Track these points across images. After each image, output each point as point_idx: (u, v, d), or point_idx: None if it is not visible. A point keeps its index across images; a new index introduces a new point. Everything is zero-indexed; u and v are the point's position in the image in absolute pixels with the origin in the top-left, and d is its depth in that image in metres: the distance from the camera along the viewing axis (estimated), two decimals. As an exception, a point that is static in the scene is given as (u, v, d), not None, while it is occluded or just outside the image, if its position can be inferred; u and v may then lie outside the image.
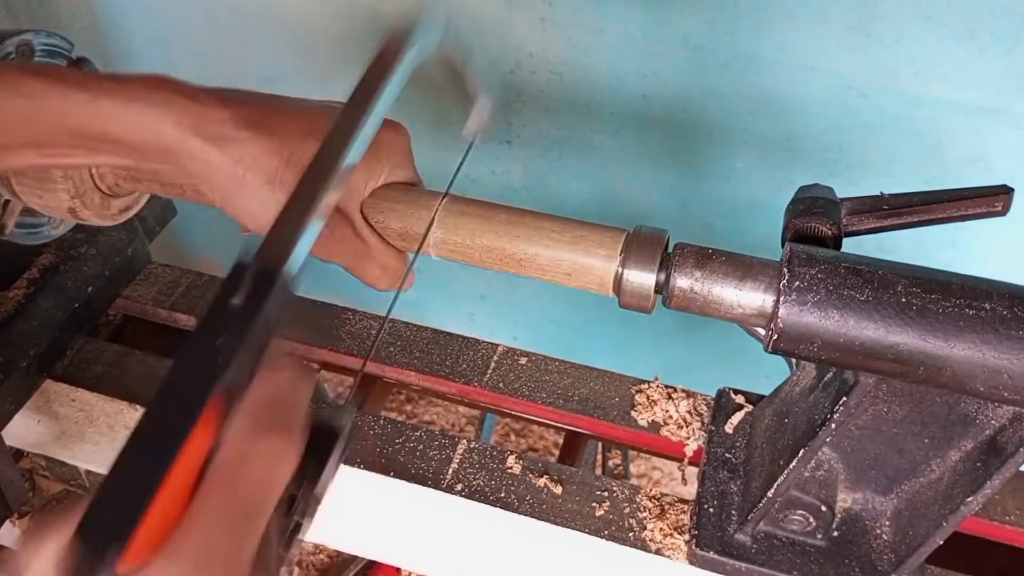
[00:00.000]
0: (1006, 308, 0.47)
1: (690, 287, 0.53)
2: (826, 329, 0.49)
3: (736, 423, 0.74)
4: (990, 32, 0.83)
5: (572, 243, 0.56)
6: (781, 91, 0.97)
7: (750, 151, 1.04)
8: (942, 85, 0.89)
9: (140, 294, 0.90)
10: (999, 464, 0.54)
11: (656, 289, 0.55)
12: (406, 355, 0.84)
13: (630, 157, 1.12)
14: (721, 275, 0.53)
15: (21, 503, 0.80)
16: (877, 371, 0.50)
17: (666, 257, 0.55)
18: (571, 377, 0.82)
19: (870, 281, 0.49)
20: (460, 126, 0.61)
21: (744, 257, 0.54)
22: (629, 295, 0.55)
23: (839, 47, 0.90)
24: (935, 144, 0.94)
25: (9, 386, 0.77)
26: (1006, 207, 0.55)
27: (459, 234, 0.59)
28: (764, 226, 1.14)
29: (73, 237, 0.87)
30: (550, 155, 1.17)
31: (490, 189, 1.24)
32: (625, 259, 0.55)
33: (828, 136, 0.99)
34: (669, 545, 0.69)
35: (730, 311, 0.53)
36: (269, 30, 1.16)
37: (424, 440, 0.77)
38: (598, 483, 0.74)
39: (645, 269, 0.54)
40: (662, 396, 0.80)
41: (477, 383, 0.82)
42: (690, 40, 0.96)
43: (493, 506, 0.72)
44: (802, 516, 0.65)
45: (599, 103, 1.07)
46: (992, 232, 0.97)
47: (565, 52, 1.03)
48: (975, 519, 0.73)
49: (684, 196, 1.15)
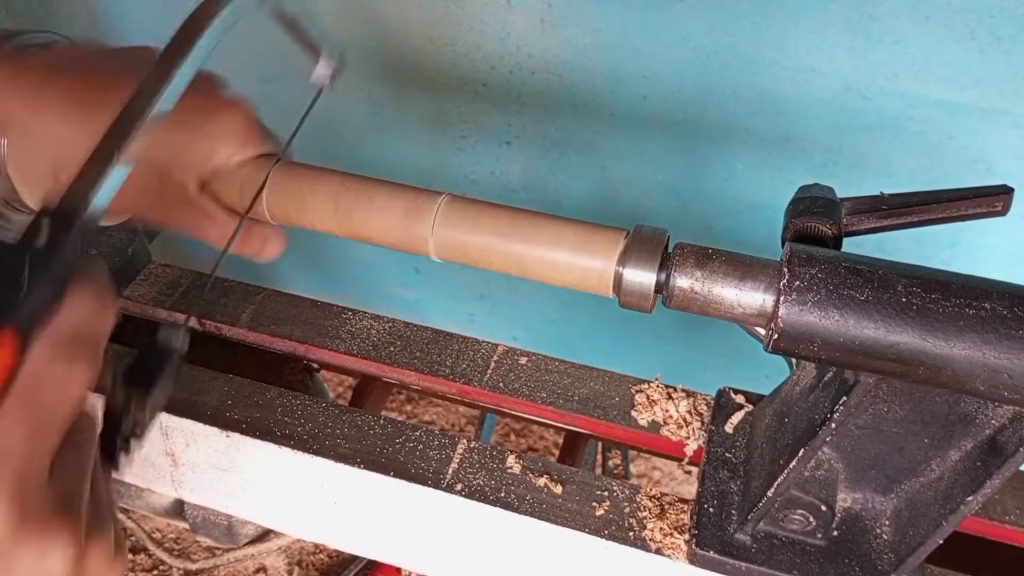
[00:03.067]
0: (1006, 308, 0.47)
1: (690, 287, 0.53)
2: (826, 329, 0.49)
3: (736, 423, 0.74)
4: (990, 32, 0.83)
5: (571, 244, 0.57)
6: (781, 91, 0.97)
7: (750, 151, 1.05)
8: (942, 85, 0.89)
9: (140, 294, 0.90)
10: (999, 464, 0.54)
11: (656, 289, 0.55)
12: (406, 355, 0.84)
13: (630, 157, 1.12)
14: (721, 275, 0.53)
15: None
16: (877, 371, 0.50)
17: (666, 257, 0.55)
18: (571, 377, 0.82)
19: (870, 281, 0.49)
20: (309, 84, 0.66)
21: (744, 257, 0.54)
22: (629, 295, 0.55)
23: (839, 47, 0.90)
24: (935, 144, 0.94)
25: (9, 386, 0.77)
26: (1006, 207, 0.55)
27: (458, 234, 0.59)
28: (764, 226, 1.14)
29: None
30: (550, 155, 1.17)
31: (490, 190, 1.24)
32: (625, 259, 0.55)
33: (828, 136, 0.99)
34: (669, 545, 0.69)
35: (730, 311, 0.53)
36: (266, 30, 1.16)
37: (424, 440, 0.77)
38: (598, 483, 0.74)
39: (645, 269, 0.54)
40: (662, 396, 0.80)
41: (477, 383, 0.82)
42: (690, 40, 0.96)
43: (493, 506, 0.72)
44: (802, 516, 0.65)
45: (599, 103, 1.07)
46: (992, 232, 0.97)
47: (565, 52, 1.03)
48: (975, 519, 0.73)
49: (684, 196, 1.15)
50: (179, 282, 0.92)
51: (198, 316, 0.89)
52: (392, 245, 0.62)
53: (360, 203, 0.61)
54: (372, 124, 1.25)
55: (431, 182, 0.66)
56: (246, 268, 1.36)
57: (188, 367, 0.83)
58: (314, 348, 0.86)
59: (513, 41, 1.04)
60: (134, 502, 1.07)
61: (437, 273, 1.41)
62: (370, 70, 1.14)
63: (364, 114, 1.24)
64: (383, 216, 0.61)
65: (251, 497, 0.84)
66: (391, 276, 1.47)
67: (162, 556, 1.35)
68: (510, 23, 1.02)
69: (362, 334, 0.87)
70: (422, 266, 1.41)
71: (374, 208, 0.61)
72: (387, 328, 0.87)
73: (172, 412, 0.79)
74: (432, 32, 1.08)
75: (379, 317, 0.88)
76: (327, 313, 0.89)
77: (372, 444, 0.77)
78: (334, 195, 0.62)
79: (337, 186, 0.62)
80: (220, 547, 1.28)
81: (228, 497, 0.86)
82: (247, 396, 0.80)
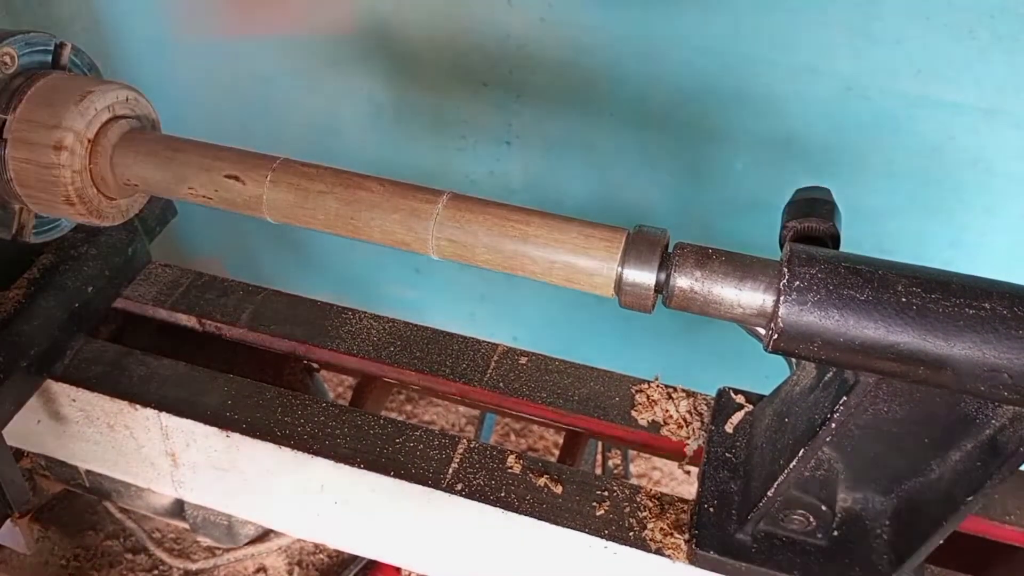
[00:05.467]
0: (1006, 308, 0.47)
1: (690, 287, 0.53)
2: (826, 328, 0.49)
3: (736, 423, 0.74)
4: (990, 32, 0.83)
5: (571, 244, 0.56)
6: (781, 91, 0.97)
7: (750, 151, 1.05)
8: (942, 85, 0.89)
9: (140, 294, 0.90)
10: (999, 464, 0.54)
11: (656, 289, 0.55)
12: (406, 355, 0.84)
13: (630, 157, 1.12)
14: (721, 275, 0.53)
15: (22, 502, 0.80)
16: (877, 371, 0.50)
17: (666, 257, 0.55)
18: (571, 377, 0.82)
19: (870, 281, 0.49)
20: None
21: (744, 257, 0.54)
22: (629, 294, 0.55)
23: (839, 47, 0.90)
24: (935, 144, 0.94)
25: (9, 386, 0.77)
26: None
27: (460, 234, 0.59)
28: (764, 226, 1.14)
29: (73, 237, 0.87)
30: (550, 155, 1.17)
31: (490, 190, 1.24)
32: (625, 259, 0.55)
33: (828, 136, 0.99)
34: (669, 544, 0.69)
35: (730, 311, 0.53)
36: (267, 31, 1.17)
37: (424, 440, 0.77)
38: (598, 483, 0.74)
39: (645, 269, 0.54)
40: (662, 396, 0.80)
41: (477, 383, 0.82)
42: (690, 40, 0.96)
43: (493, 506, 0.72)
44: (802, 516, 0.65)
45: (599, 103, 1.07)
46: (992, 232, 0.97)
47: (565, 52, 1.03)
48: (975, 519, 0.73)
49: (684, 196, 1.15)
50: (179, 282, 0.92)
51: (198, 316, 0.89)
52: (394, 245, 0.62)
53: (362, 203, 0.61)
54: (372, 124, 1.25)
55: (431, 182, 0.66)
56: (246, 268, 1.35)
57: (188, 367, 0.83)
58: (314, 348, 0.86)
59: (513, 41, 1.04)
60: (134, 502, 1.07)
61: (437, 273, 1.41)
62: (370, 70, 1.14)
63: (364, 114, 1.25)
64: (385, 216, 0.61)
65: (251, 497, 0.84)
66: (391, 276, 1.47)
67: (162, 556, 1.35)
68: (510, 23, 1.02)
69: (362, 334, 0.87)
70: (422, 266, 1.41)
71: (376, 208, 0.61)
72: (387, 328, 0.87)
73: (172, 412, 0.79)
74: (432, 32, 1.08)
75: (379, 317, 0.88)
76: (327, 313, 0.89)
77: (372, 444, 0.77)
78: (335, 195, 0.62)
79: (339, 186, 0.62)
80: (220, 547, 1.28)
81: (228, 497, 0.86)
82: (247, 396, 0.80)
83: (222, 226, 1.43)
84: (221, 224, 1.41)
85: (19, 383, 0.79)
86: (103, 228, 0.87)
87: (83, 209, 0.67)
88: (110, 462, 0.88)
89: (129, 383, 0.82)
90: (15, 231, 0.71)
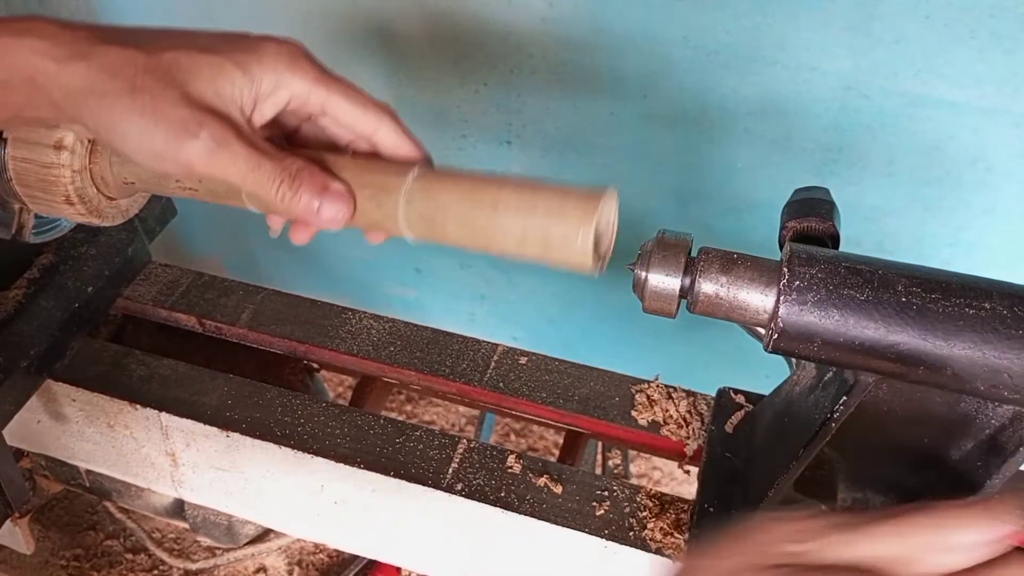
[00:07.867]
0: (1006, 308, 0.47)
1: (715, 292, 0.53)
2: (826, 328, 0.49)
3: (736, 423, 0.74)
4: (990, 32, 0.83)
5: (545, 208, 0.52)
6: (781, 91, 0.96)
7: (750, 151, 1.04)
8: (942, 85, 0.89)
9: (140, 294, 0.90)
10: (999, 464, 0.54)
11: (681, 294, 0.54)
12: (406, 355, 0.84)
13: (630, 157, 1.12)
14: (747, 280, 0.52)
15: (22, 502, 0.80)
16: (877, 371, 0.50)
17: (690, 262, 0.54)
18: (571, 377, 0.82)
19: (870, 281, 0.49)
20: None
21: (770, 262, 0.53)
22: (653, 299, 0.55)
23: (839, 46, 0.90)
24: (935, 144, 0.94)
25: (9, 386, 0.77)
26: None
27: (429, 205, 0.55)
28: (764, 226, 1.14)
29: (73, 237, 0.87)
30: (550, 155, 1.16)
31: (490, 189, 1.23)
32: (649, 263, 0.54)
33: (828, 136, 0.99)
34: (669, 544, 0.69)
35: (755, 316, 0.52)
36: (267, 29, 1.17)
37: (424, 440, 0.77)
38: (598, 483, 0.74)
39: (669, 274, 0.54)
40: (662, 396, 0.80)
41: (477, 383, 0.82)
42: (690, 40, 0.96)
43: (493, 506, 0.72)
44: (802, 516, 0.64)
45: (599, 103, 1.07)
46: (992, 232, 0.97)
47: (565, 52, 1.03)
48: (975, 519, 0.72)
49: (684, 196, 1.15)
50: (179, 282, 0.92)
51: (198, 316, 0.89)
52: (362, 226, 0.58)
53: None
54: (372, 124, 1.25)
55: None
56: (246, 268, 1.36)
57: (188, 367, 0.83)
58: (314, 348, 0.86)
59: (513, 41, 1.04)
60: (134, 502, 1.07)
61: (437, 273, 1.41)
62: (370, 70, 1.14)
63: (364, 114, 1.24)
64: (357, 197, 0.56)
65: (251, 497, 0.84)
66: (391, 276, 1.47)
67: (162, 556, 1.35)
68: (511, 23, 1.02)
69: (362, 334, 0.87)
70: (422, 266, 1.41)
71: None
72: (387, 328, 0.87)
73: (172, 412, 0.79)
74: (432, 32, 1.08)
75: (379, 317, 0.88)
76: (327, 313, 0.89)
77: (372, 444, 0.77)
78: None
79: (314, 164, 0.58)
80: (220, 547, 1.28)
81: (228, 497, 0.86)
82: (247, 396, 0.80)
83: (222, 226, 1.42)
84: (221, 224, 1.41)
85: (19, 383, 0.79)
86: (103, 228, 0.87)
87: (83, 209, 0.67)
88: (110, 462, 0.88)
89: (129, 383, 0.82)
90: (15, 231, 0.71)
